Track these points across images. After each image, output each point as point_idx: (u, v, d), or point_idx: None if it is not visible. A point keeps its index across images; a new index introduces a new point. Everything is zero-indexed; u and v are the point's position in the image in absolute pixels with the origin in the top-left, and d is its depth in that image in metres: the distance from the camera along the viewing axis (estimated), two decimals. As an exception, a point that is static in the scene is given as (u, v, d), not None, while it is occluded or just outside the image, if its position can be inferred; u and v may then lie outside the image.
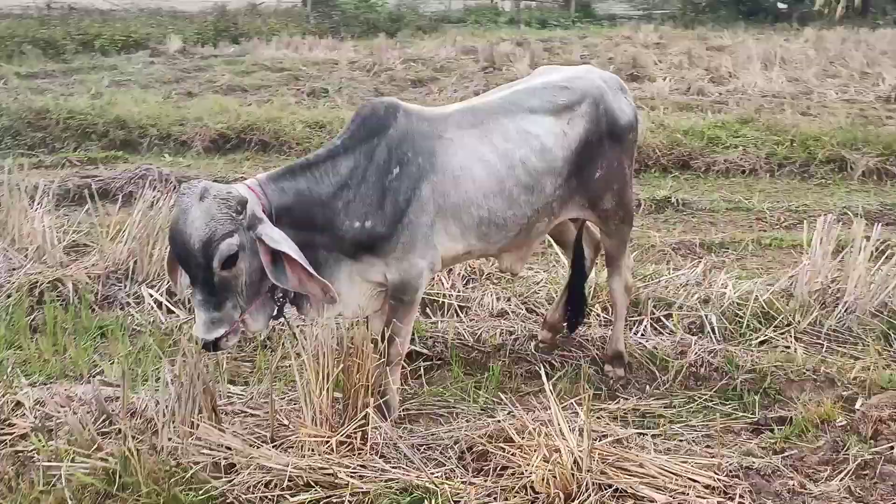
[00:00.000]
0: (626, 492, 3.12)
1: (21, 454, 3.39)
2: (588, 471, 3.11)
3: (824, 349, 4.72)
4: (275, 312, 3.44)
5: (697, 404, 4.20)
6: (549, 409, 3.41)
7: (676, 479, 3.23)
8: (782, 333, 4.83)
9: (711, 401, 4.24)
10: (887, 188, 8.70)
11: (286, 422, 3.44)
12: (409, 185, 3.47)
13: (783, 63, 17.13)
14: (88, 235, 5.76)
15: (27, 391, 3.76)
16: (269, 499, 3.03)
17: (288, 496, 3.03)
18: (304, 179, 3.43)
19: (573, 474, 3.10)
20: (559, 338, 4.64)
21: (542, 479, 3.08)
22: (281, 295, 3.41)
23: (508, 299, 5.15)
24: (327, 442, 3.24)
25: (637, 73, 15.77)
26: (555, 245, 5.01)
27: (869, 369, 4.32)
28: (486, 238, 3.74)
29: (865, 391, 4.16)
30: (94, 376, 4.07)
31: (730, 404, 4.20)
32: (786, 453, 3.65)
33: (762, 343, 4.79)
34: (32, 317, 4.86)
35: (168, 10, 25.72)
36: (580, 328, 4.76)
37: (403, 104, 3.66)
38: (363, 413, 3.33)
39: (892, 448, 3.66)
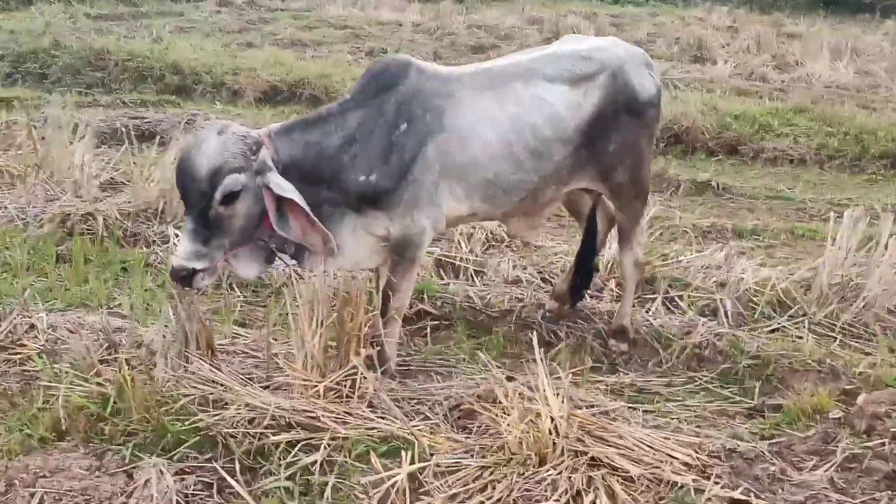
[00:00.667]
0: (600, 461, 3.15)
1: (28, 373, 3.55)
2: (565, 437, 3.15)
3: (836, 342, 4.67)
4: (267, 259, 3.53)
5: (697, 385, 4.22)
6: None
7: (654, 454, 3.25)
8: (796, 323, 4.79)
9: (712, 383, 4.24)
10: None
11: (281, 365, 3.53)
12: (416, 142, 3.52)
13: (855, 55, 16.70)
14: (125, 174, 5.91)
15: (42, 315, 3.92)
16: (252, 435, 3.14)
17: (270, 434, 3.13)
18: (314, 132, 3.50)
19: (550, 439, 3.15)
20: (567, 308, 4.66)
21: (518, 441, 3.14)
22: (274, 245, 3.49)
23: (525, 267, 5.19)
24: (315, 387, 3.33)
25: (701, 55, 15.51)
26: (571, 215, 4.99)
27: (876, 365, 4.28)
28: (492, 201, 3.78)
29: (869, 387, 4.12)
30: (109, 308, 4.21)
31: (730, 388, 4.20)
32: (774, 440, 3.65)
33: (774, 331, 4.76)
34: (62, 247, 5.03)
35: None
36: (584, 300, 4.77)
37: (417, 62, 3.70)
38: (352, 363, 3.41)
39: (883, 444, 3.63)
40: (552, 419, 3.20)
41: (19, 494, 2.87)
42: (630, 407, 3.82)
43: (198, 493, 2.97)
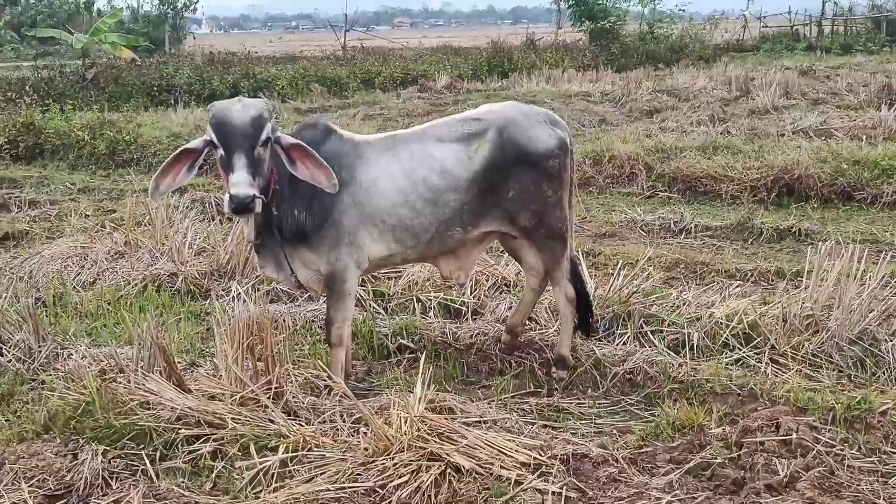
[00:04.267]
0: (438, 455, 3.76)
1: (44, 384, 4.71)
2: (407, 435, 3.79)
3: (794, 371, 4.88)
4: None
5: (620, 407, 4.66)
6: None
7: (494, 453, 3.81)
8: (758, 353, 5.05)
9: (635, 405, 4.66)
10: None
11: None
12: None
13: None
14: (210, 242, 7.14)
15: (82, 348, 5.11)
16: (172, 429, 4.07)
17: (183, 428, 4.04)
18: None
19: (396, 437, 3.80)
20: (519, 340, 5.23)
21: (371, 437, 3.84)
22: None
23: (518, 307, 5.78)
24: (232, 396, 4.21)
25: (891, 101, 15.02)
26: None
27: (792, 389, 4.50)
28: (402, 242, 4.52)
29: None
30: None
31: (651, 409, 4.60)
32: (642, 449, 4.05)
33: (737, 361, 5.05)
34: (143, 300, 6.29)
35: (451, 48, 27.91)
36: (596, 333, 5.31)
37: (338, 129, 4.56)
38: (268, 378, 4.27)
39: (751, 455, 3.93)
40: (405, 420, 3.87)
41: (4, 470, 3.95)
42: (529, 422, 4.37)
43: (121, 470, 3.92)
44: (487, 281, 6.17)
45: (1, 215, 9.56)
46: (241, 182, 3.98)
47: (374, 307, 5.97)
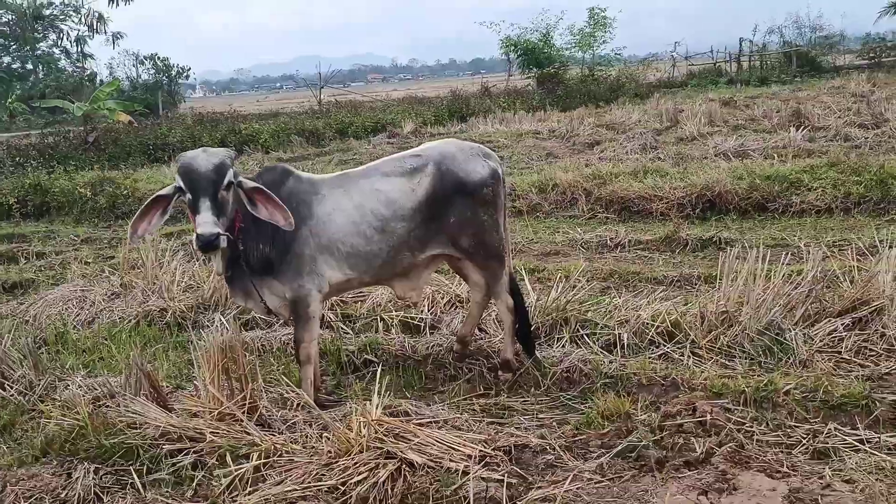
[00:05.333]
0: (394, 453, 3.77)
1: (42, 413, 4.67)
2: (364, 437, 3.80)
3: (712, 362, 4.94)
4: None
5: (558, 402, 4.68)
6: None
7: (444, 448, 3.83)
8: (681, 348, 5.11)
9: (572, 400, 4.69)
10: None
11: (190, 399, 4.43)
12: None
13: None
14: (196, 280, 7.13)
15: (78, 379, 5.08)
16: (157, 445, 4.05)
17: (166, 443, 4.03)
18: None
19: (355, 438, 3.81)
20: (470, 349, 5.26)
21: (333, 441, 3.84)
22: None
23: (471, 321, 5.81)
24: (211, 412, 4.21)
25: (800, 123, 15.31)
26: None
27: (709, 378, 4.55)
28: (357, 268, 4.54)
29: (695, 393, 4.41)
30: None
31: (586, 403, 4.62)
32: (576, 437, 4.08)
33: (662, 356, 5.10)
34: (135, 334, 6.26)
35: (416, 98, 28.05)
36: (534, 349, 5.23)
37: (295, 171, 4.59)
38: (243, 394, 4.27)
39: (672, 436, 3.97)
40: (364, 425, 3.88)
41: (6, 492, 3.92)
42: (477, 420, 4.39)
43: (111, 485, 3.90)
44: (443, 298, 6.20)
45: (10, 267, 9.49)
46: (206, 222, 4.00)
47: (342, 328, 5.99)
